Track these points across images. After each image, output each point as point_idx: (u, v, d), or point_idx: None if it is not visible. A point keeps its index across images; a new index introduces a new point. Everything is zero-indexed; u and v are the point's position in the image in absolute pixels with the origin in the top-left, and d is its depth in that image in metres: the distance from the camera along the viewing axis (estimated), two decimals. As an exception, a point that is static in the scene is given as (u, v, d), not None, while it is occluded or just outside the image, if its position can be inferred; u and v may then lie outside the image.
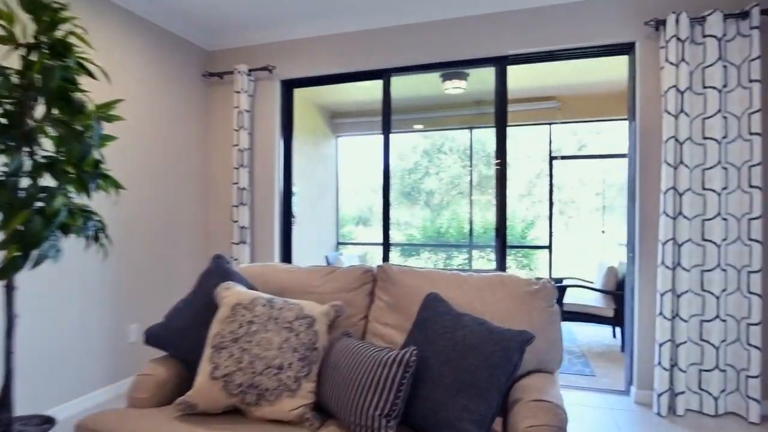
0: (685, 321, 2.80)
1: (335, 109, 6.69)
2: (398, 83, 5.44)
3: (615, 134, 7.95)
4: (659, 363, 2.84)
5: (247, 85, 3.78)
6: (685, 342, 2.80)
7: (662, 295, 2.82)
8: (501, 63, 3.41)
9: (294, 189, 5.61)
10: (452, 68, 3.59)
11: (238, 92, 3.76)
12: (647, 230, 3.03)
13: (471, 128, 6.39)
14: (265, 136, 3.89)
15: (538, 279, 1.90)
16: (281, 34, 3.81)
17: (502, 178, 3.46)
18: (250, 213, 3.84)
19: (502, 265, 3.42)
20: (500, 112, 3.46)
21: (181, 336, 1.89)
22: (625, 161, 3.37)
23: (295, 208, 5.60)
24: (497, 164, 3.48)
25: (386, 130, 3.73)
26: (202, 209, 3.98)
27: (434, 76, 5.02)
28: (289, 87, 3.99)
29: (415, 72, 3.68)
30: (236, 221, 3.76)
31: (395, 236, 7.98)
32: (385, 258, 3.74)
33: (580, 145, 10.65)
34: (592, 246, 8.84)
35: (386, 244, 3.73)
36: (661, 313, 2.83)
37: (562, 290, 4.52)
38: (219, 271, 2.05)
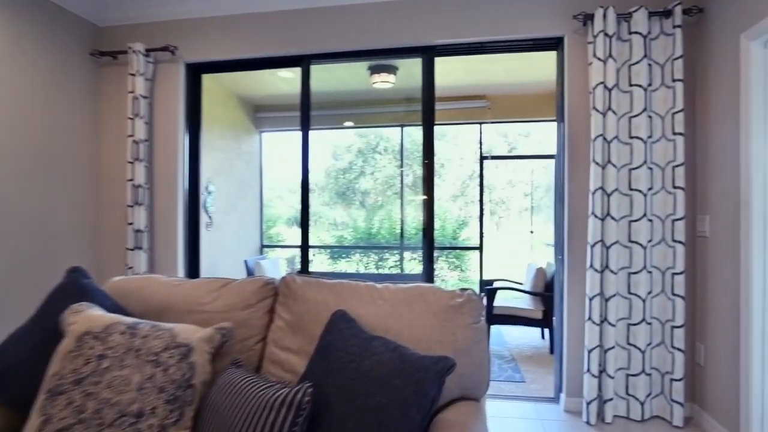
0: (613, 325, 2.71)
1: (259, 102, 6.23)
2: (324, 75, 5.12)
3: (543, 136, 8.11)
4: (588, 370, 2.74)
5: (144, 67, 3.29)
6: (613, 347, 2.71)
7: (591, 299, 2.72)
8: (428, 53, 3.19)
9: (210, 188, 5.13)
10: (377, 57, 3.33)
11: (133, 75, 3.26)
12: (576, 232, 2.92)
13: (402, 126, 6.19)
14: (166, 126, 3.41)
15: (463, 290, 1.66)
16: (186, 10, 3.35)
17: (429, 177, 3.24)
18: (148, 214, 3.34)
19: (429, 267, 3.20)
20: (428, 107, 3.24)
21: (14, 376, 1.45)
22: (551, 162, 3.27)
23: (212, 209, 5.11)
24: (425, 163, 3.25)
25: (305, 125, 3.39)
26: (91, 210, 3.42)
27: (362, 69, 4.75)
28: (195, 72, 3.54)
29: (336, 60, 3.37)
30: (131, 224, 3.25)
31: (326, 238, 7.63)
32: (304, 263, 3.40)
33: (510, 148, 10.88)
34: (522, 247, 9.00)
35: (305, 247, 3.39)
36: (590, 318, 2.73)
37: (492, 293, 4.41)
38: (74, 288, 1.63)
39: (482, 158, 5.85)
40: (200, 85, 3.59)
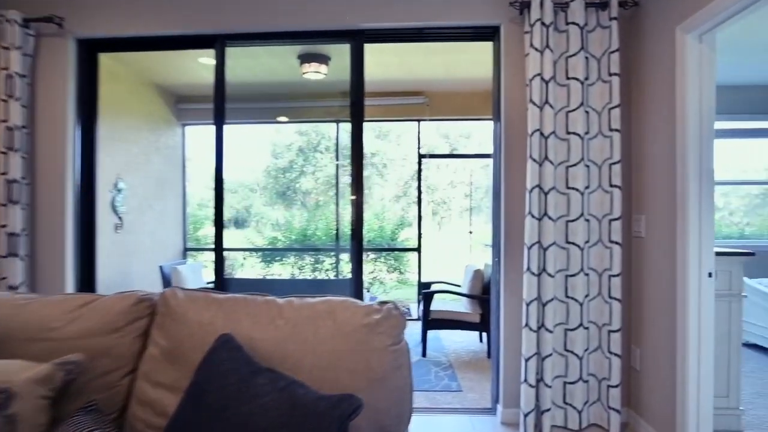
0: (551, 331, 2.56)
1: (181, 92, 5.69)
2: (250, 62, 4.71)
3: (484, 137, 8.07)
4: (525, 380, 2.57)
5: (22, 39, 2.78)
6: (550, 354, 2.56)
7: (528, 304, 2.55)
8: (357, 39, 2.92)
9: (120, 185, 4.57)
10: (301, 41, 3.03)
11: (6, 48, 2.74)
12: (512, 233, 2.76)
13: (338, 122, 5.88)
14: (51, 112, 2.90)
15: (383, 304, 1.39)
16: (75, -23, 2.87)
17: (359, 177, 2.96)
18: (26, 215, 2.82)
19: (358, 271, 2.93)
20: (356, 100, 2.97)
21: None
22: (491, 162, 3.09)
23: (123, 209, 4.55)
24: (354, 161, 2.97)
25: (219, 118, 3.02)
26: (-45, 209, 2.85)
27: (291, 58, 4.40)
28: (90, 49, 3.05)
29: (255, 42, 3.02)
30: (4, 226, 2.73)
31: (257, 240, 7.16)
32: (218, 268, 3.02)
33: (452, 149, 10.88)
34: (461, 247, 8.97)
35: (218, 250, 3.01)
36: (527, 325, 2.56)
37: (429, 296, 4.21)
38: None
39: (420, 157, 5.67)
40: (97, 65, 3.11)
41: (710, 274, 2.20)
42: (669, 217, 2.35)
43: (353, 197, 2.96)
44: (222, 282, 2.97)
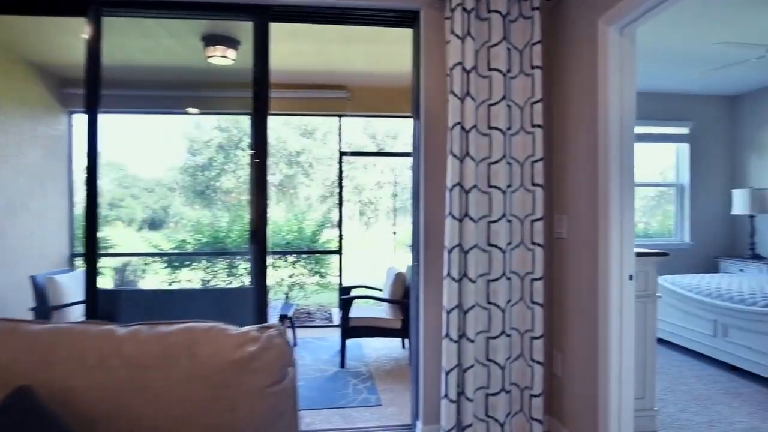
0: (472, 341, 2.38)
1: (68, 75, 4.94)
2: (148, 44, 4.16)
3: (411, 136, 7.92)
4: (446, 395, 2.37)
5: None
6: (472, 366, 2.38)
7: (449, 312, 2.35)
8: (261, 16, 2.57)
9: (-19, 180, 3.83)
10: (193, 13, 2.61)
11: None
12: (432, 235, 2.55)
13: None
14: None
15: (264, 328, 1.09)
16: None
17: (261, 174, 2.60)
18: None
19: (260, 280, 2.57)
20: (260, 89, 2.62)
21: None
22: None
23: (-15, 208, 3.82)
24: (254, 157, 2.61)
25: (92, 104, 2.53)
26: None
27: (194, 39, 3.92)
28: None
29: (140, 11, 2.58)
30: None
31: (163, 243, 6.49)
32: (90, 278, 2.53)
33: (380, 148, 10.71)
34: (386, 249, 8.81)
35: (91, 255, 2.52)
36: (447, 335, 2.36)
37: (348, 303, 3.93)
38: None
39: (342, 155, 5.38)
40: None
41: (631, 277, 2.12)
42: (591, 217, 2.26)
43: (253, 197, 2.59)
44: (95, 295, 2.49)
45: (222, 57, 3.93)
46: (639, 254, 2.48)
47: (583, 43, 2.33)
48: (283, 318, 4.05)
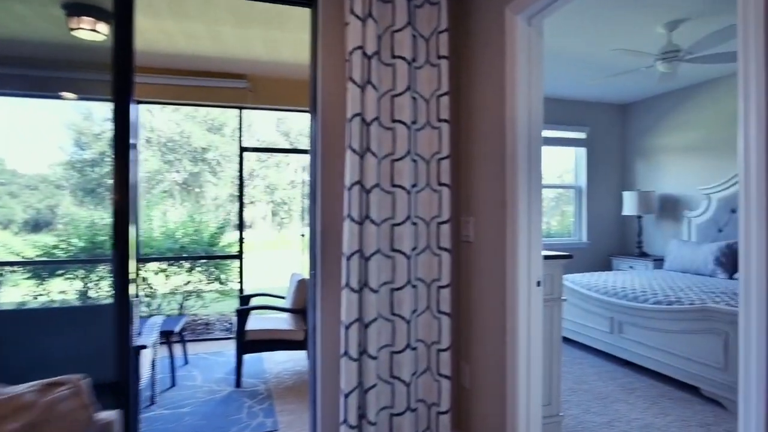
0: (374, 357, 2.13)
1: None
2: (-9, 9, 3.44)
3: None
4: (345, 420, 2.10)
5: None
6: (374, 385, 2.14)
7: (348, 327, 2.09)
8: (123, -25, 2.12)
9: None
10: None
11: None
12: (330, 240, 2.27)
13: (138, 102, 4.77)
14: None
15: (49, 386, 0.73)
16: None
17: (122, 171, 2.14)
18: None
19: (122, 296, 2.11)
20: (121, 66, 2.17)
21: None
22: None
23: None
24: (116, 151, 2.15)
25: None
26: None
27: (55, 8, 3.29)
28: None
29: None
30: None
31: (26, 250, 5.55)
32: None
33: (293, 146, 10.22)
34: (296, 253, 8.37)
35: None
36: (346, 353, 2.09)
37: (244, 314, 3.53)
38: None
39: (242, 150, 4.92)
40: None
41: (539, 283, 2.00)
42: (498, 220, 2.11)
43: (117, 195, 2.13)
44: None
45: (91, 31, 3.33)
46: (545, 257, 2.40)
47: (491, 33, 2.18)
48: (168, 334, 3.54)
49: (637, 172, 5.85)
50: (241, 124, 4.97)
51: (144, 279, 5.24)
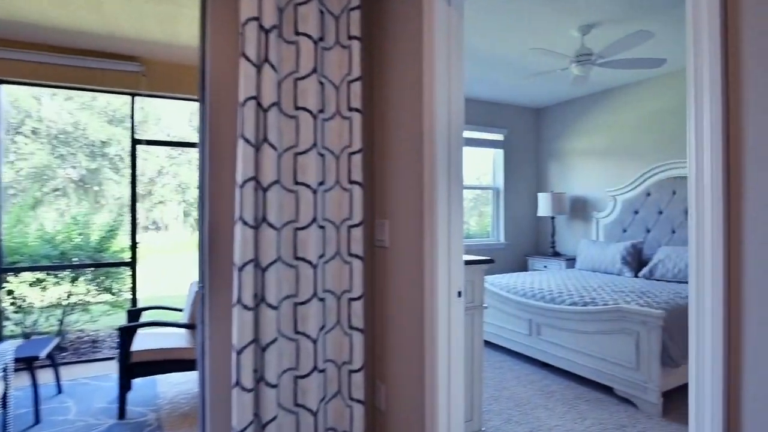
0: (274, 385, 1.81)
1: None
2: None
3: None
4: (237, 463, 1.75)
5: None
6: (274, 418, 1.81)
7: (240, 352, 1.74)
8: None
9: None
10: None
11: None
12: (219, 247, 1.92)
13: (3, 81, 4.01)
14: None
15: None
16: None
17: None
18: None
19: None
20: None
21: None
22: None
23: None
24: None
25: None
26: None
27: None
28: None
29: None
30: None
31: None
32: None
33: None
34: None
35: None
36: (238, 383, 1.75)
37: (128, 332, 3.02)
38: None
39: (135, 142, 4.33)
40: None
41: (460, 293, 1.80)
42: (416, 224, 1.88)
43: None
44: None
45: None
46: (467, 262, 2.22)
47: (408, 12, 1.95)
48: (30, 360, 2.93)
49: (550, 174, 6.01)
50: (133, 112, 4.37)
51: (10, 292, 4.44)
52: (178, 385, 3.54)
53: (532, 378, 3.49)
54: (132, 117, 4.36)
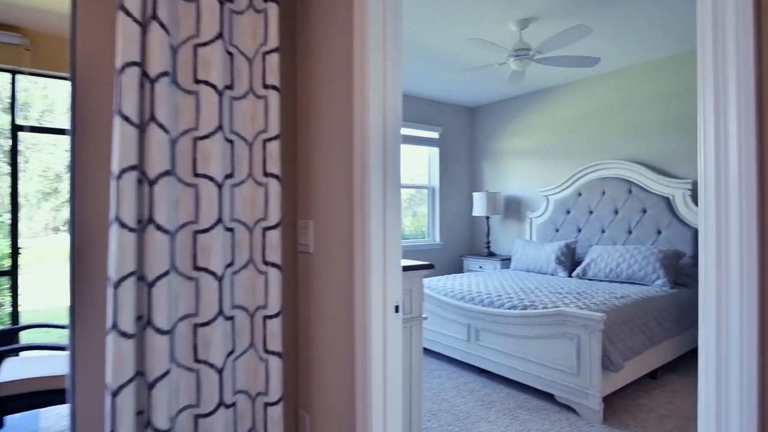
0: (166, 431, 1.43)
1: None
2: None
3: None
4: None
5: None
6: (165, 472, 1.43)
7: (116, 394, 1.34)
8: None
9: None
10: None
11: None
12: (91, 255, 1.50)
13: None
14: None
15: None
16: None
17: None
18: None
19: None
20: None
21: None
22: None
23: None
24: None
25: None
26: None
27: None
28: None
29: None
30: None
31: None
32: None
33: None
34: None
35: None
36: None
37: (-6, 361, 2.45)
38: None
39: (16, 129, 3.65)
40: None
41: (397, 308, 1.52)
42: (345, 226, 1.58)
43: None
44: None
45: None
46: (404, 268, 1.95)
47: (335, -26, 1.64)
48: None
49: (485, 174, 5.95)
50: (14, 93, 3.68)
51: None
52: (66, 416, 2.98)
53: (471, 387, 3.30)
54: (12, 99, 3.68)
